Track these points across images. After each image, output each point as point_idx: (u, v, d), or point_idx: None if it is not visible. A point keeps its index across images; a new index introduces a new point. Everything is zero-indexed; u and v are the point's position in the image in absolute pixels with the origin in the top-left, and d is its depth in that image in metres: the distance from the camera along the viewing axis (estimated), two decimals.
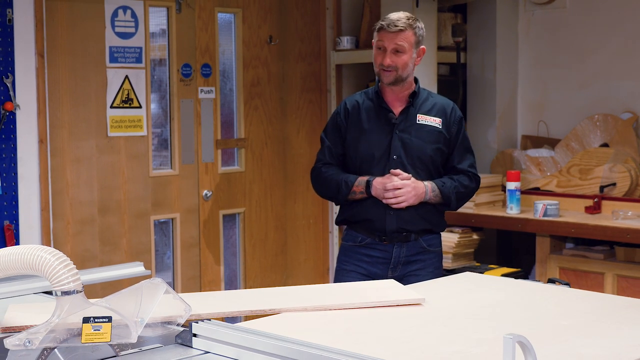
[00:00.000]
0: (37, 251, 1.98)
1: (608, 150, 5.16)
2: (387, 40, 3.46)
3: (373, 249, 3.58)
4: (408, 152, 3.52)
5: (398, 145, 3.52)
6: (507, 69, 5.76)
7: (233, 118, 5.27)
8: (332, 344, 1.98)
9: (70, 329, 1.98)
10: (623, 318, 2.40)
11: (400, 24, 3.46)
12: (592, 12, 5.46)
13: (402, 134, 3.53)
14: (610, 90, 5.39)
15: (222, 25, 5.17)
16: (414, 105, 3.57)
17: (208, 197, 5.07)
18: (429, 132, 3.55)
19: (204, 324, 2.06)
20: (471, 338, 2.18)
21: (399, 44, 3.46)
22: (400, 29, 3.45)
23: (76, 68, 4.53)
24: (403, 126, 3.54)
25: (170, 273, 5.02)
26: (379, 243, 3.56)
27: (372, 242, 3.57)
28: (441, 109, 3.59)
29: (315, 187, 3.73)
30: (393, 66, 3.46)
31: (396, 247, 3.55)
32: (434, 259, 3.63)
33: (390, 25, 3.46)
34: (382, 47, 3.48)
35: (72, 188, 4.54)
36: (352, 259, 3.62)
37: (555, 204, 4.88)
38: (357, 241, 3.61)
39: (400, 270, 3.57)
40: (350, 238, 3.64)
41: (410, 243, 3.56)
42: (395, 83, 3.51)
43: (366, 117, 3.58)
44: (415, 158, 3.53)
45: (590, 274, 4.80)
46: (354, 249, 3.62)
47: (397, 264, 3.56)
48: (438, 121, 3.56)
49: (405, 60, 3.48)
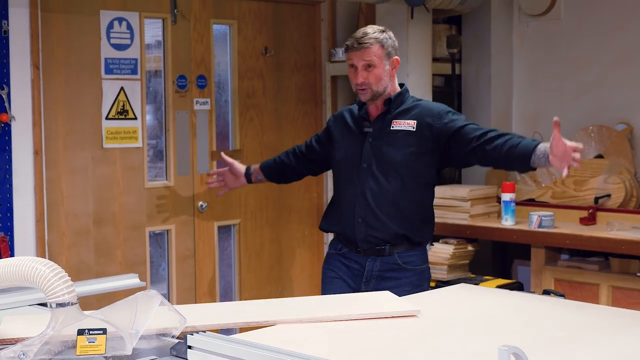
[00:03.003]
0: (32, 263, 1.98)
1: (602, 162, 5.17)
2: (356, 58, 3.46)
3: (349, 259, 3.61)
4: (378, 160, 3.51)
5: (369, 154, 3.53)
6: (502, 80, 5.77)
7: (228, 129, 5.27)
8: (327, 356, 1.98)
9: (65, 341, 1.98)
10: (618, 329, 2.41)
11: (366, 40, 3.44)
12: (586, 24, 5.48)
13: (375, 141, 3.53)
14: (604, 101, 5.40)
15: (218, 37, 5.17)
16: (390, 112, 3.54)
17: (203, 209, 5.06)
18: (402, 137, 3.49)
19: (199, 335, 2.06)
20: (466, 349, 2.18)
21: (367, 59, 3.44)
22: (365, 46, 3.44)
23: (71, 79, 4.53)
24: (376, 134, 3.54)
25: (166, 285, 5.01)
26: (355, 254, 3.59)
27: (349, 252, 3.61)
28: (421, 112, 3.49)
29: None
30: (367, 83, 3.46)
31: (369, 261, 3.53)
32: (411, 277, 3.52)
33: (355, 44, 3.45)
34: (353, 65, 3.49)
35: (67, 199, 4.54)
36: (333, 266, 3.68)
37: (550, 215, 4.88)
38: (337, 249, 3.67)
39: (374, 285, 3.51)
40: (333, 246, 3.72)
41: (385, 258, 3.50)
42: (374, 99, 3.51)
43: (346, 127, 3.66)
44: (386, 165, 3.49)
45: (585, 285, 4.81)
46: (335, 256, 3.68)
47: (371, 278, 3.54)
48: (412, 123, 3.48)
49: (378, 74, 3.46)
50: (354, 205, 3.53)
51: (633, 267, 4.68)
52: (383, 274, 3.51)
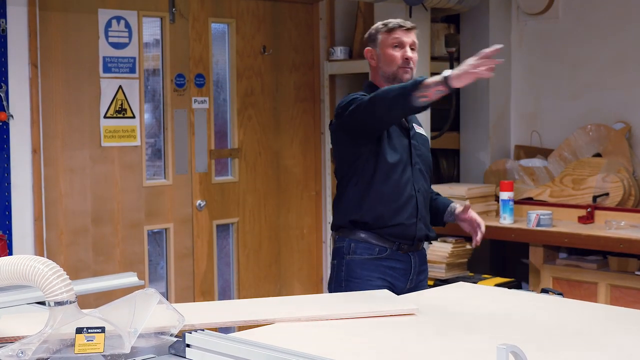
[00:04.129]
0: (30, 261, 1.98)
1: (601, 160, 5.18)
2: (405, 37, 3.43)
3: (393, 259, 3.34)
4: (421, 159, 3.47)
5: (414, 152, 3.44)
6: (500, 79, 5.77)
7: (227, 128, 5.27)
8: (325, 354, 1.98)
9: (64, 340, 1.98)
10: (616, 328, 2.41)
11: (411, 23, 3.49)
12: (584, 23, 5.48)
13: (413, 141, 3.46)
14: (603, 100, 5.40)
15: (216, 36, 5.17)
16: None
17: (202, 207, 5.07)
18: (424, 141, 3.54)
19: (197, 334, 2.06)
20: (465, 348, 2.18)
21: (415, 40, 3.46)
22: (413, 27, 3.48)
23: (70, 78, 4.53)
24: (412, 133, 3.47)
25: (164, 283, 5.01)
26: (397, 252, 3.33)
27: (391, 253, 3.33)
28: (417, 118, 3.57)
29: (381, 104, 3.21)
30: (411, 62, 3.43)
31: (412, 257, 3.37)
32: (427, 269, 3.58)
33: (405, 23, 3.46)
34: (400, 43, 3.42)
35: (65, 198, 4.54)
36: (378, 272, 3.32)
37: (548, 214, 4.89)
38: (374, 253, 3.33)
39: (414, 281, 3.39)
40: (365, 251, 3.34)
41: (420, 252, 3.44)
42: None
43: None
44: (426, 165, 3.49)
45: (584, 283, 4.81)
46: (373, 262, 3.33)
47: (413, 275, 3.38)
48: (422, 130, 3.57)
49: (417, 59, 3.49)
50: (415, 204, 3.35)
51: (631, 266, 4.69)
52: (420, 268, 3.43)
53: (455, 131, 5.86)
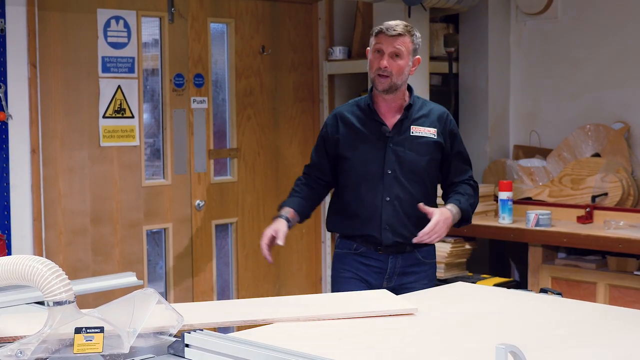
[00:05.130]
0: (29, 261, 1.98)
1: (600, 160, 5.18)
2: (386, 44, 3.39)
3: (369, 257, 3.52)
4: (402, 166, 3.46)
5: (392, 159, 3.46)
6: (499, 79, 5.77)
7: (225, 128, 5.27)
8: (324, 354, 1.98)
9: (62, 340, 1.98)
10: (615, 328, 2.41)
11: (399, 29, 3.42)
12: (583, 23, 5.48)
13: (395, 147, 3.46)
14: (601, 100, 5.41)
15: (215, 36, 5.17)
16: (408, 116, 3.50)
17: (200, 207, 5.07)
18: (424, 144, 3.49)
19: (196, 334, 2.06)
20: (463, 348, 2.18)
21: (398, 47, 3.39)
22: (399, 33, 3.40)
23: (68, 78, 4.53)
24: (397, 139, 3.47)
25: (163, 283, 5.01)
26: (375, 252, 3.51)
27: (367, 250, 3.52)
28: (435, 118, 3.53)
29: None
30: (389, 70, 3.39)
31: (392, 258, 3.49)
32: (429, 271, 3.58)
33: (390, 29, 3.40)
34: (380, 50, 3.40)
35: (64, 198, 4.53)
36: (349, 266, 3.56)
37: (547, 214, 4.89)
38: (352, 248, 3.56)
39: (396, 281, 3.50)
40: (345, 246, 3.59)
41: (406, 254, 3.50)
42: (389, 91, 3.43)
43: (358, 130, 3.51)
44: (410, 171, 3.47)
45: (583, 283, 4.81)
46: (349, 256, 3.56)
47: (393, 275, 3.50)
48: (433, 131, 3.50)
49: (402, 66, 3.41)
50: (380, 211, 3.46)
51: (630, 266, 4.69)
52: (405, 270, 3.50)
53: None
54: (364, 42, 5.56)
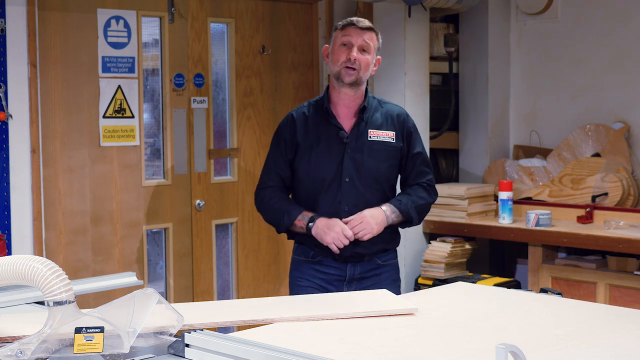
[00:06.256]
0: (29, 261, 1.98)
1: (600, 160, 5.18)
2: (355, 36, 3.33)
3: (327, 266, 3.45)
4: (361, 173, 3.37)
5: (350, 167, 3.36)
6: (499, 79, 5.78)
7: (226, 128, 5.27)
8: (325, 354, 1.98)
9: (63, 340, 1.98)
10: (615, 328, 2.41)
11: (368, 23, 3.37)
12: (583, 23, 5.48)
13: (354, 153, 3.37)
14: (601, 100, 5.41)
15: (215, 35, 5.17)
16: (364, 119, 3.41)
17: (201, 207, 5.07)
18: (383, 150, 3.40)
19: (196, 334, 2.06)
20: (464, 348, 2.18)
21: (367, 41, 3.34)
22: (368, 27, 3.36)
23: (69, 78, 4.53)
24: (354, 145, 3.38)
25: (163, 283, 5.01)
26: (332, 261, 3.44)
27: (324, 259, 3.44)
28: (393, 120, 3.43)
29: (260, 211, 3.59)
30: (358, 63, 3.31)
31: (350, 266, 3.43)
32: (390, 271, 3.52)
33: (359, 22, 3.35)
34: (349, 43, 3.33)
35: (64, 198, 4.53)
36: (306, 274, 3.49)
37: (547, 214, 4.89)
38: (309, 256, 3.49)
39: (355, 285, 3.44)
40: (302, 252, 3.51)
41: (365, 262, 3.44)
42: (354, 85, 3.34)
43: (315, 135, 3.41)
44: (369, 178, 3.38)
45: (583, 283, 4.81)
46: (306, 264, 3.50)
47: (352, 281, 3.44)
48: (391, 135, 3.41)
49: (369, 61, 3.35)
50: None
51: (630, 266, 4.69)
52: (364, 275, 3.45)
53: (455, 131, 5.86)
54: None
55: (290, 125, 3.48)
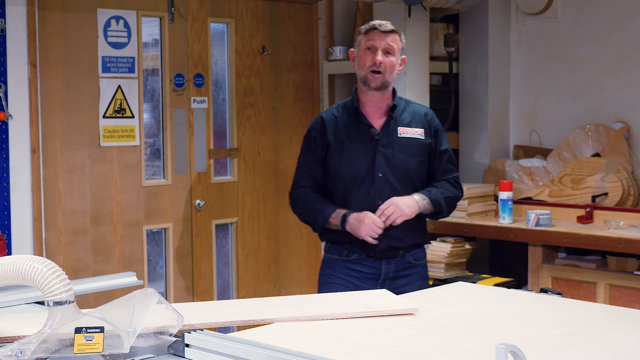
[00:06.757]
0: (29, 261, 1.98)
1: (600, 160, 5.18)
2: (379, 40, 3.42)
3: (361, 264, 3.51)
4: (393, 169, 3.46)
5: (382, 162, 3.45)
6: (499, 79, 5.77)
7: (226, 128, 5.27)
8: (325, 354, 1.98)
9: (63, 340, 1.98)
10: (615, 328, 2.41)
11: (390, 26, 3.45)
12: (583, 23, 5.48)
13: (385, 149, 3.46)
14: (602, 100, 5.41)
15: (215, 35, 5.17)
16: (394, 117, 3.50)
17: (201, 207, 5.07)
18: (412, 146, 3.49)
19: (196, 334, 2.06)
20: (464, 348, 2.18)
21: (390, 44, 3.42)
22: (391, 30, 3.44)
23: (69, 78, 4.53)
24: (385, 141, 3.47)
25: (163, 283, 5.01)
26: (367, 259, 3.50)
27: (359, 257, 3.50)
28: (420, 119, 3.54)
29: (295, 212, 3.69)
30: (383, 66, 3.41)
31: (385, 263, 3.50)
32: (421, 272, 3.60)
33: (382, 26, 3.44)
34: (373, 47, 3.42)
35: (64, 198, 4.53)
36: (339, 272, 3.55)
37: (547, 214, 4.89)
38: (343, 255, 3.55)
39: (388, 285, 3.49)
40: (336, 251, 3.57)
41: (398, 259, 3.51)
42: (381, 88, 3.44)
43: (345, 134, 3.50)
44: (401, 174, 3.47)
45: (583, 283, 4.81)
46: (340, 263, 3.55)
47: (386, 279, 3.51)
48: (420, 132, 3.51)
49: (394, 62, 3.44)
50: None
51: (630, 266, 4.69)
52: (398, 273, 3.53)
53: (455, 131, 5.86)
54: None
55: (320, 126, 3.56)
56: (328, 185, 3.56)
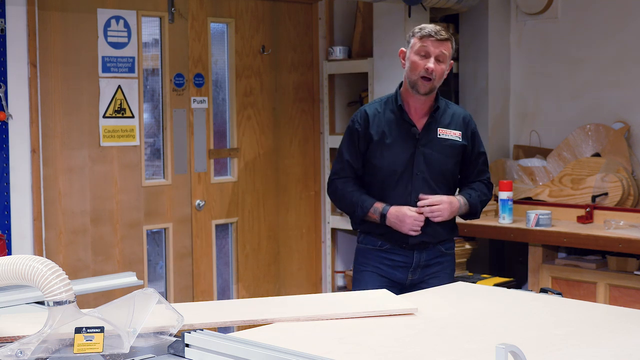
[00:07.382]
0: (29, 261, 1.98)
1: (600, 160, 5.18)
2: (433, 47, 3.45)
3: (394, 253, 3.59)
4: (431, 168, 3.53)
5: (421, 161, 3.52)
6: (499, 78, 5.77)
7: (226, 128, 5.27)
8: (325, 354, 1.98)
9: (63, 340, 1.98)
10: (615, 327, 2.41)
11: (444, 34, 3.48)
12: (583, 23, 5.48)
13: (424, 148, 3.53)
14: (601, 100, 5.41)
15: (215, 35, 5.17)
16: (436, 119, 3.57)
17: (201, 207, 5.07)
18: (450, 147, 3.56)
19: (196, 334, 2.06)
20: (463, 348, 2.18)
21: (443, 52, 3.47)
22: (446, 38, 3.48)
23: (69, 78, 4.53)
24: (425, 141, 3.54)
25: (163, 283, 5.01)
26: (400, 248, 3.58)
27: (392, 247, 3.58)
28: (459, 121, 3.61)
29: (333, 201, 3.77)
30: (434, 75, 3.46)
31: (417, 253, 3.57)
32: (451, 261, 3.68)
33: (437, 34, 3.46)
34: (426, 53, 3.46)
35: (64, 198, 4.53)
36: (372, 261, 3.62)
37: (547, 214, 4.89)
38: (376, 245, 3.62)
39: (420, 273, 3.60)
40: (370, 242, 3.64)
41: (430, 249, 3.59)
42: (429, 93, 3.51)
43: (388, 130, 3.55)
44: (438, 173, 3.55)
45: (583, 283, 4.81)
46: (373, 252, 3.63)
47: (417, 268, 3.59)
48: (458, 134, 3.58)
49: (443, 69, 3.50)
50: None
51: (630, 266, 4.69)
52: (429, 262, 3.60)
53: None
54: (364, 42, 5.56)
55: (363, 120, 3.60)
56: (365, 177, 3.64)
